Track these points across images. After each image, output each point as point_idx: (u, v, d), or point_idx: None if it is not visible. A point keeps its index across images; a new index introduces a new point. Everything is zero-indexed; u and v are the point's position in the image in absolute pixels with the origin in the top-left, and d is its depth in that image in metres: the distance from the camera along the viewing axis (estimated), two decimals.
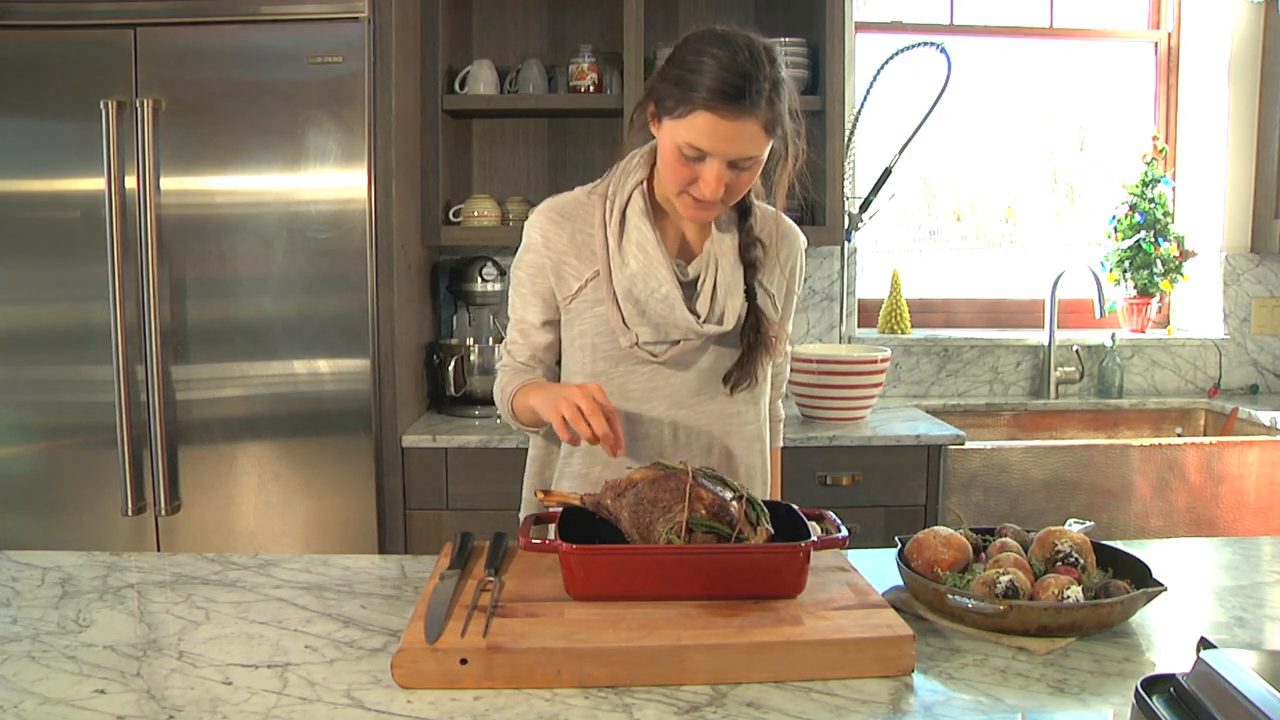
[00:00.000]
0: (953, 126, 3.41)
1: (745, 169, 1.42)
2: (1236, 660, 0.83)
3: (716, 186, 1.40)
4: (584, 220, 1.56)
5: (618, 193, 1.54)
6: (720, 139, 1.37)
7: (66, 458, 2.51)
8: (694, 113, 1.37)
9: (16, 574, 1.48)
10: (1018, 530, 1.43)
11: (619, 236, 1.52)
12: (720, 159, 1.39)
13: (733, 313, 1.53)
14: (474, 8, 3.11)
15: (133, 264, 2.42)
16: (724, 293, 1.53)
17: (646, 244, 1.50)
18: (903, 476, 2.64)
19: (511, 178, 3.16)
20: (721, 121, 1.36)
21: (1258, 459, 2.68)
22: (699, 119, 1.36)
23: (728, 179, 1.41)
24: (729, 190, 1.43)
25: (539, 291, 1.58)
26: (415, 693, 1.09)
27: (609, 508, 1.35)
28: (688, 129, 1.38)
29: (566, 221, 1.57)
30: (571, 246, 1.56)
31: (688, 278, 1.53)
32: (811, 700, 1.08)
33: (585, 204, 1.58)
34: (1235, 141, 3.29)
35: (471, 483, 2.59)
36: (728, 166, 1.40)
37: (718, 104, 1.35)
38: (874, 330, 3.33)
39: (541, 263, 1.57)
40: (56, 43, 2.41)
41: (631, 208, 1.52)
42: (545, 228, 1.57)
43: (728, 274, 1.53)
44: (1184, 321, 3.48)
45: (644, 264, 1.50)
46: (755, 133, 1.38)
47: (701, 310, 1.52)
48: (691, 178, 1.42)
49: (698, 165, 1.40)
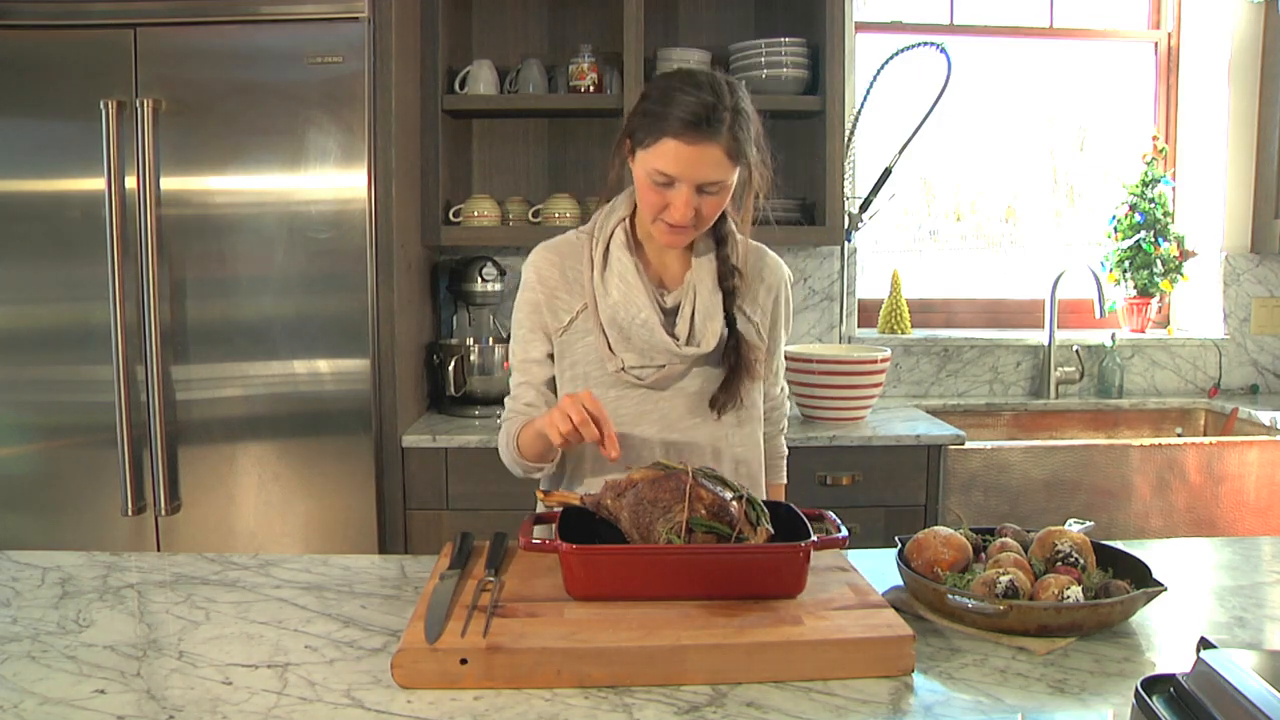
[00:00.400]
0: (953, 126, 3.41)
1: (712, 194, 1.51)
2: (1236, 660, 0.83)
3: (685, 210, 1.49)
4: (574, 257, 1.66)
5: (602, 229, 1.65)
6: (685, 164, 1.47)
7: (66, 458, 2.51)
8: (661, 140, 1.48)
9: (16, 574, 1.48)
10: (1018, 530, 1.43)
11: (602, 268, 1.62)
12: (687, 183, 1.49)
13: (712, 335, 1.60)
14: (474, 8, 3.11)
15: (133, 264, 2.42)
16: (702, 317, 1.61)
17: (627, 273, 1.60)
18: (903, 476, 2.64)
19: (511, 178, 3.16)
20: (685, 147, 1.46)
21: (1258, 459, 2.68)
22: (666, 146, 1.47)
23: (696, 203, 1.50)
24: (699, 215, 1.52)
25: (538, 326, 1.67)
26: (415, 693, 1.09)
27: (609, 508, 1.36)
28: (657, 156, 1.48)
29: (558, 259, 1.67)
30: (563, 282, 1.66)
31: (668, 305, 1.62)
32: (811, 700, 1.08)
33: (575, 243, 1.68)
34: (1235, 141, 3.29)
35: (471, 483, 2.59)
36: (696, 191, 1.49)
37: (682, 131, 1.46)
38: (874, 330, 3.33)
39: (537, 299, 1.67)
40: (56, 43, 2.41)
41: (614, 242, 1.63)
42: (539, 266, 1.68)
43: (706, 300, 1.61)
44: (1184, 321, 3.48)
45: (624, 292, 1.59)
46: (718, 158, 1.47)
47: (681, 334, 1.60)
48: (663, 204, 1.51)
49: (668, 191, 1.50)
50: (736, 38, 3.00)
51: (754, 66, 2.88)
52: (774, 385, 1.80)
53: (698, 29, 3.10)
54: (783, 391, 1.84)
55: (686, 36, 3.09)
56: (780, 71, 2.86)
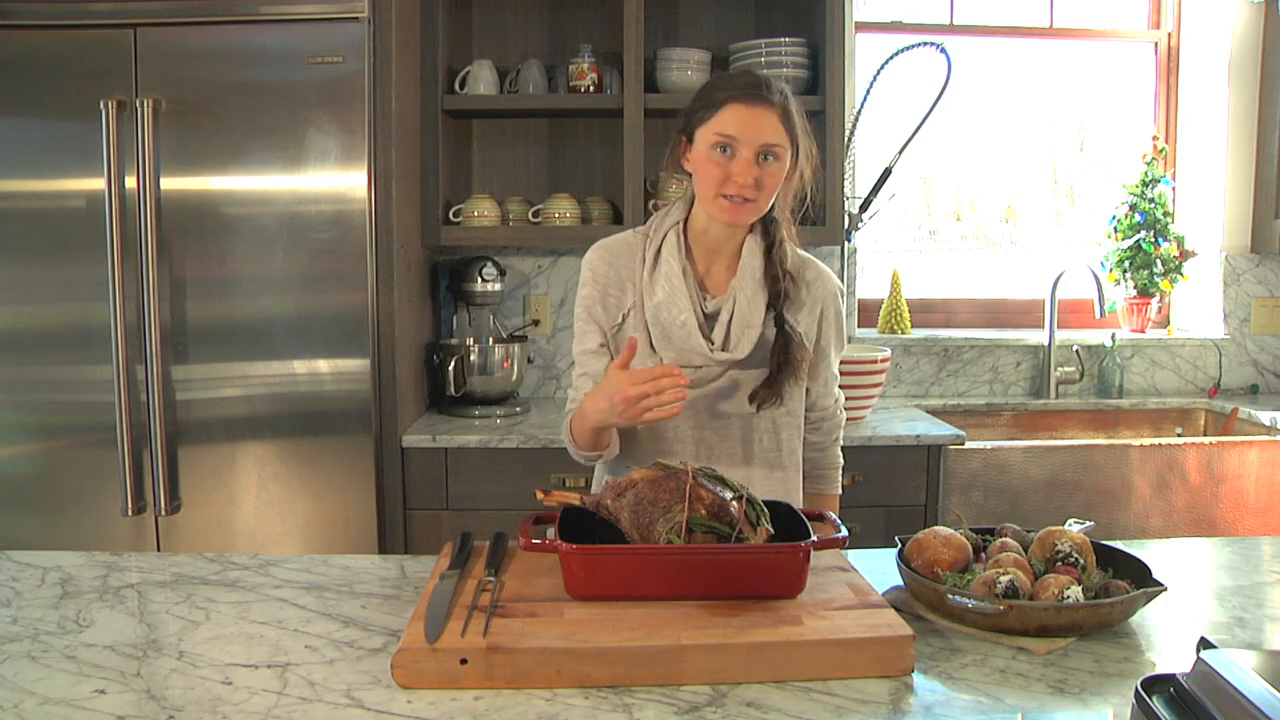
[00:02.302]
0: (953, 126, 3.41)
1: (771, 164, 1.59)
2: (1236, 660, 0.83)
3: (748, 173, 1.56)
4: (628, 256, 1.73)
5: (657, 231, 1.71)
6: (746, 124, 1.56)
7: (66, 458, 2.51)
8: (722, 108, 1.58)
9: (16, 574, 1.48)
10: (1018, 530, 1.43)
11: (652, 269, 1.69)
12: (748, 146, 1.57)
13: (748, 343, 1.66)
14: (474, 8, 3.11)
15: (133, 264, 2.42)
16: (740, 325, 1.66)
17: (673, 276, 1.66)
18: (903, 476, 2.63)
19: (511, 178, 3.16)
20: (746, 109, 1.56)
21: (1258, 459, 2.68)
22: (727, 111, 1.57)
23: (756, 173, 1.57)
24: (759, 186, 1.58)
25: (594, 319, 1.73)
26: (415, 693, 1.09)
27: (609, 508, 1.36)
28: (718, 123, 1.57)
29: (614, 258, 1.74)
30: (616, 280, 1.72)
31: (709, 310, 1.68)
32: (811, 700, 1.08)
33: (631, 242, 1.74)
34: (1235, 141, 3.29)
35: (471, 483, 2.59)
36: (756, 159, 1.57)
37: (742, 96, 1.57)
38: (874, 330, 3.33)
39: (592, 294, 1.73)
40: (56, 43, 2.41)
41: (666, 244, 1.69)
42: (595, 264, 1.74)
43: (745, 308, 1.66)
44: (1184, 321, 3.48)
45: (669, 293, 1.66)
46: (775, 123, 1.57)
47: (717, 339, 1.66)
48: (725, 175, 1.58)
49: (729, 163, 1.58)
50: (736, 38, 3.00)
51: (754, 66, 2.88)
52: (825, 396, 1.83)
53: (698, 29, 3.10)
54: (836, 403, 1.87)
55: (686, 36, 3.09)
56: (780, 71, 2.86)
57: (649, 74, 2.89)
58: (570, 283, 3.11)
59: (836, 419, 1.88)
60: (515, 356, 2.89)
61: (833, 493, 1.89)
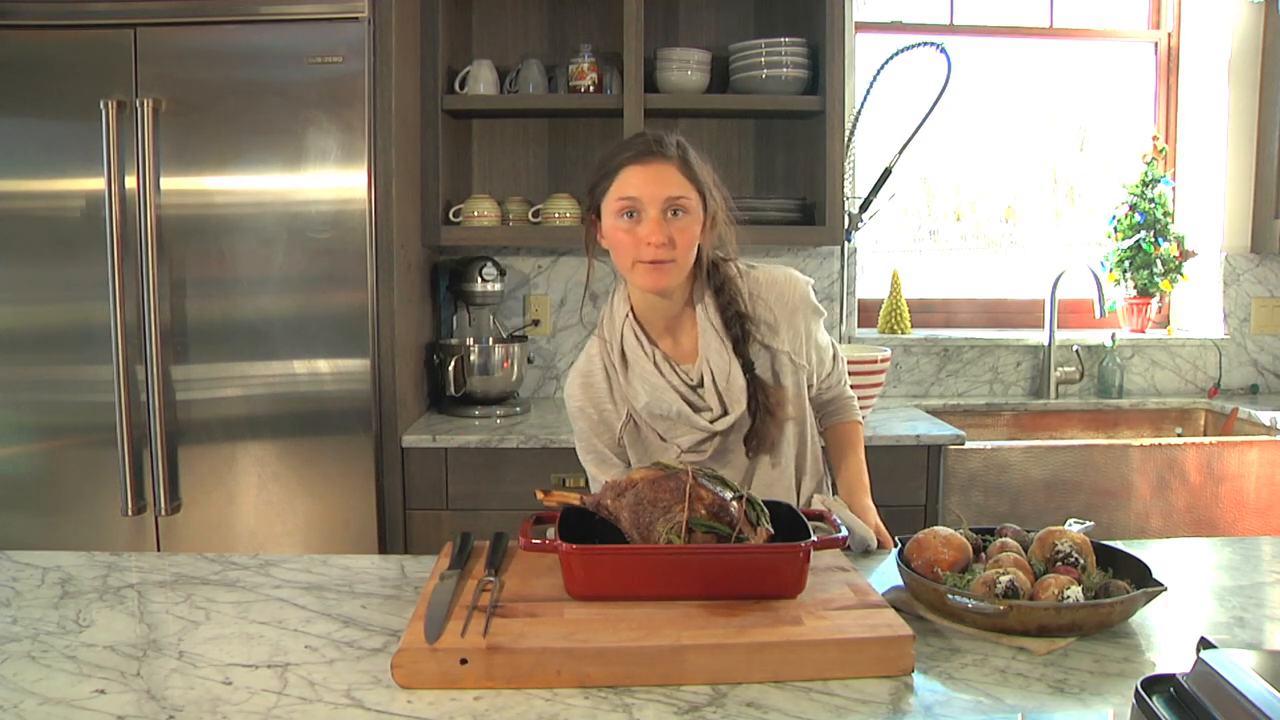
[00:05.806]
0: (953, 126, 3.41)
1: (681, 216, 1.56)
2: (1236, 660, 0.83)
3: (658, 232, 1.53)
4: (601, 375, 1.72)
5: (612, 334, 1.70)
6: (646, 182, 1.54)
7: (66, 458, 2.51)
8: (620, 173, 1.56)
9: (16, 574, 1.48)
10: (1018, 530, 1.43)
11: (624, 373, 1.68)
12: (653, 205, 1.54)
13: (738, 401, 1.65)
14: (474, 8, 3.11)
15: (133, 264, 2.42)
16: (724, 385, 1.65)
17: (648, 374, 1.65)
18: (903, 476, 2.63)
19: (511, 178, 3.16)
20: (642, 168, 1.55)
21: (1258, 459, 2.68)
22: (625, 175, 1.55)
23: (667, 230, 1.54)
24: (673, 244, 1.54)
25: (605, 444, 1.73)
26: (415, 693, 1.09)
27: (609, 508, 1.36)
28: (619, 188, 1.56)
29: (588, 381, 1.72)
30: (599, 406, 1.72)
31: (694, 381, 1.67)
32: (811, 700, 1.08)
33: (596, 356, 1.73)
34: (1235, 141, 3.29)
35: (471, 483, 2.59)
36: (663, 215, 1.54)
37: (635, 157, 1.56)
38: (874, 330, 3.33)
39: (585, 429, 1.74)
40: (56, 43, 2.41)
41: (626, 342, 1.67)
42: (576, 398, 1.73)
43: (722, 367, 1.65)
44: (1184, 321, 3.48)
45: (651, 392, 1.65)
46: (674, 175, 1.55)
47: (713, 407, 1.66)
48: (636, 240, 1.55)
49: (636, 227, 1.55)
50: (736, 38, 3.00)
51: (754, 66, 2.88)
52: (832, 389, 1.84)
53: (698, 29, 3.10)
54: (844, 385, 1.87)
55: (686, 36, 3.09)
56: (780, 71, 2.86)
57: (649, 74, 2.88)
58: (570, 283, 3.11)
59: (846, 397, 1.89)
60: (515, 356, 2.89)
61: (854, 418, 1.88)
